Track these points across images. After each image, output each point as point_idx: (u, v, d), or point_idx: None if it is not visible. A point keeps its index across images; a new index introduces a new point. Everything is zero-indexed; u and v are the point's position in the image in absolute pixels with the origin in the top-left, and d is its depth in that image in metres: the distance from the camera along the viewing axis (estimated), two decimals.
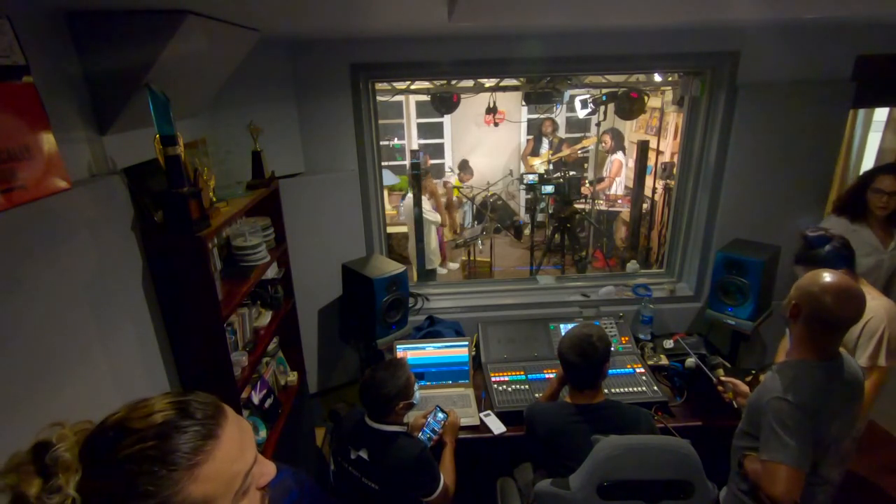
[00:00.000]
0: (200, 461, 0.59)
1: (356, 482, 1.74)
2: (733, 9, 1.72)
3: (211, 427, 0.62)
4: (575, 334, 1.78)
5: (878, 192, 2.18)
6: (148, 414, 0.60)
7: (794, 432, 1.37)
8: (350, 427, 1.81)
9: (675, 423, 2.14)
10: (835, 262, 1.73)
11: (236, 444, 0.64)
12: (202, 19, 1.38)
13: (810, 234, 1.85)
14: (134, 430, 0.59)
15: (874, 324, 1.75)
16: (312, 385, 2.79)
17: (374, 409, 1.75)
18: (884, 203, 2.17)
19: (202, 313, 1.57)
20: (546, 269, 5.05)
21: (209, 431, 0.61)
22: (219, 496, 0.61)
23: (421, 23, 1.91)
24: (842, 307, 1.38)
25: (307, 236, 2.54)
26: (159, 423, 0.59)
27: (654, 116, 5.46)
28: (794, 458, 1.36)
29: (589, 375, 1.74)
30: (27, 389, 1.04)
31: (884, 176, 2.18)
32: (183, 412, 0.61)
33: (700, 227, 2.78)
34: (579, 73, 3.38)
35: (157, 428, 0.59)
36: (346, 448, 1.77)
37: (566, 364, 1.77)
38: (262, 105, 2.26)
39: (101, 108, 1.37)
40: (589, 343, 1.72)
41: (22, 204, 1.02)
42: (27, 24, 1.09)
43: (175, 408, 0.62)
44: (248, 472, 0.65)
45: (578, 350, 1.72)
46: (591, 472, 1.53)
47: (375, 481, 1.70)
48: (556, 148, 6.19)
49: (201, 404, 0.64)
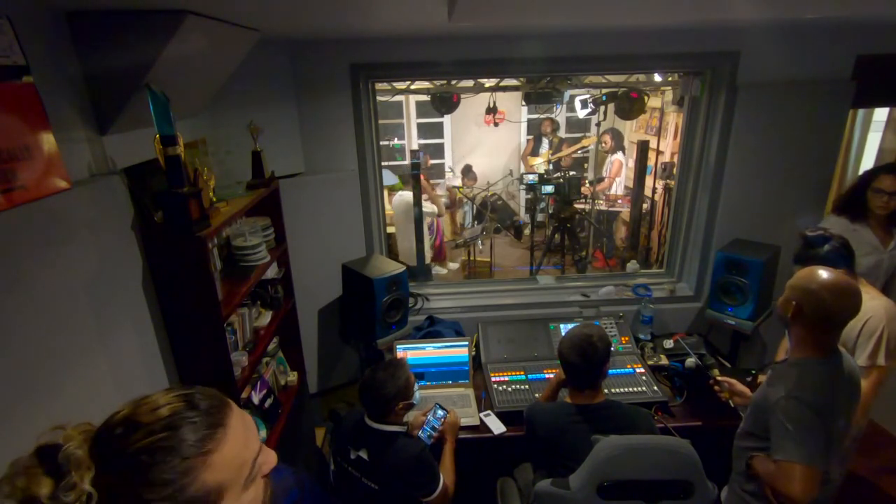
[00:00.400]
0: (212, 449, 0.61)
1: (356, 482, 1.74)
2: (733, 9, 1.72)
3: (218, 416, 0.63)
4: (575, 334, 1.78)
5: (878, 191, 2.18)
6: (154, 408, 0.61)
7: (807, 431, 1.37)
8: (350, 427, 1.81)
9: (675, 423, 2.14)
10: (835, 262, 1.73)
11: (242, 432, 0.65)
12: (202, 19, 1.38)
13: (809, 233, 1.85)
14: (142, 423, 0.60)
15: (873, 323, 1.75)
16: (312, 385, 2.79)
17: (374, 409, 1.75)
18: (884, 203, 2.17)
19: (202, 313, 1.57)
20: (546, 269, 5.05)
21: (217, 420, 0.63)
22: (231, 483, 0.62)
23: (421, 23, 1.91)
24: (841, 303, 1.38)
25: (307, 236, 2.54)
26: (168, 416, 0.60)
27: (654, 116, 5.46)
28: (809, 456, 1.35)
29: (589, 376, 1.74)
30: (27, 389, 1.04)
31: (884, 176, 2.18)
32: (189, 404, 0.63)
33: (700, 227, 2.78)
34: (579, 73, 3.38)
35: (165, 420, 0.60)
36: (346, 448, 1.78)
37: (566, 364, 1.77)
38: (262, 105, 2.26)
39: (101, 108, 1.37)
40: (589, 343, 1.72)
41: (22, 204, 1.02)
42: (27, 24, 1.09)
43: (181, 400, 0.63)
44: (255, 460, 0.66)
45: (579, 350, 1.72)
46: (591, 472, 1.53)
47: (375, 481, 1.70)
48: (556, 148, 6.19)
49: (205, 396, 0.65)
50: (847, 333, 1.75)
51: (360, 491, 1.73)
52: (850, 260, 1.79)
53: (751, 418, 1.59)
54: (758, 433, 1.52)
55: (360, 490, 1.73)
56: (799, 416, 1.38)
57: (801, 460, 1.35)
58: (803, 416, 1.37)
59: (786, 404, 1.40)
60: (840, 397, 1.44)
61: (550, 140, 6.22)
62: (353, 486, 1.75)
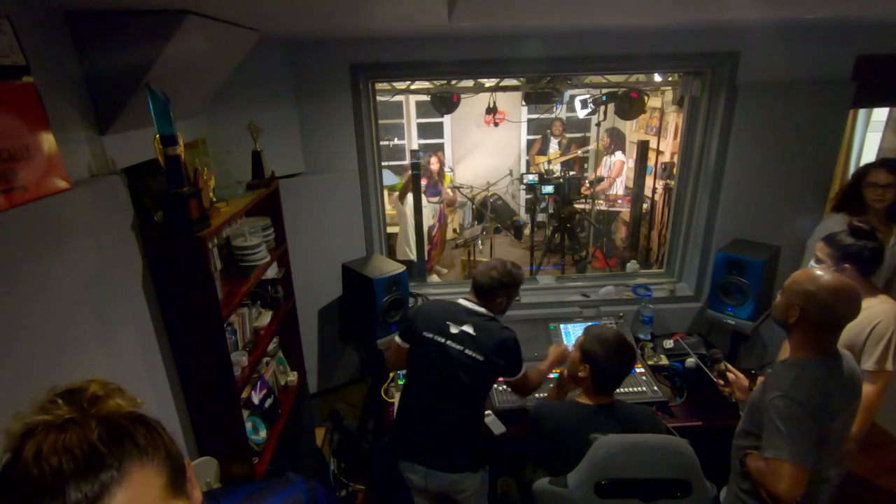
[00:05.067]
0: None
1: (456, 355, 1.80)
2: (733, 9, 1.72)
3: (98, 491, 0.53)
4: (608, 338, 1.74)
5: (872, 185, 2.23)
6: (45, 453, 0.53)
7: (798, 430, 1.38)
8: (441, 309, 1.93)
9: (675, 423, 2.14)
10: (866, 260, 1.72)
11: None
12: (202, 19, 1.38)
13: (858, 223, 1.82)
14: (29, 476, 0.52)
15: (882, 328, 1.72)
16: (312, 385, 2.79)
17: (480, 290, 1.88)
18: (879, 195, 2.22)
19: (202, 313, 1.57)
20: (546, 269, 5.05)
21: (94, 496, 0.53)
22: None
23: (421, 23, 1.91)
24: (840, 304, 1.38)
25: (307, 236, 2.54)
26: (37, 476, 0.52)
27: (654, 116, 5.46)
28: (798, 455, 1.37)
29: (620, 379, 1.74)
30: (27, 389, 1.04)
31: (877, 170, 2.25)
32: (78, 464, 0.53)
33: (700, 227, 2.78)
34: (579, 73, 3.38)
35: (35, 481, 0.52)
36: (445, 324, 1.84)
37: (600, 366, 1.72)
38: (262, 105, 2.26)
39: (101, 108, 1.37)
40: (629, 347, 1.74)
41: (22, 204, 1.03)
42: (27, 24, 1.09)
43: (73, 455, 0.53)
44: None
45: (618, 354, 1.71)
46: (588, 471, 1.53)
47: (480, 353, 1.79)
48: (565, 149, 6.20)
49: (112, 451, 0.55)
50: (855, 337, 1.74)
51: (458, 364, 1.80)
52: (876, 266, 1.77)
53: (748, 417, 1.59)
54: (755, 432, 1.53)
55: (457, 363, 1.80)
56: (791, 416, 1.39)
57: (790, 459, 1.37)
58: (795, 415, 1.38)
59: (779, 403, 1.41)
60: (838, 398, 1.44)
61: (559, 141, 6.23)
62: (447, 361, 1.81)
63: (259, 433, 1.95)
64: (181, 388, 1.67)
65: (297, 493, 0.86)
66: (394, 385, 2.39)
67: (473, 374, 1.79)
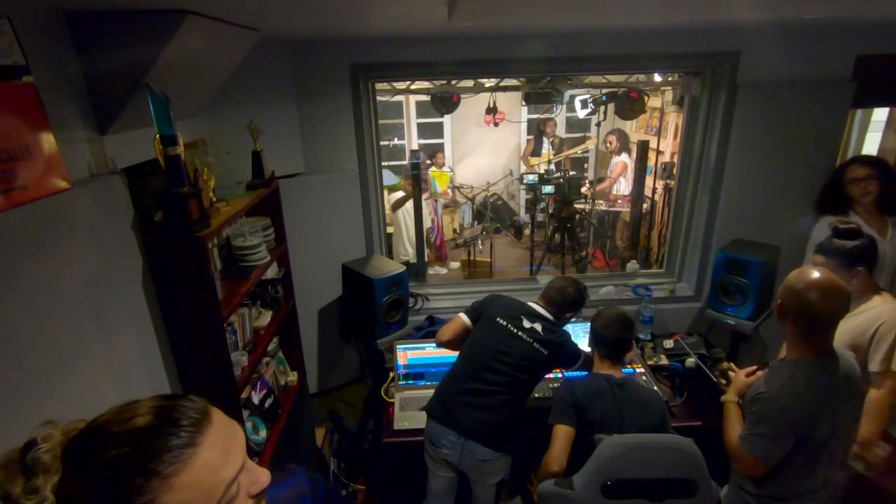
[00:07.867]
0: (176, 470, 0.57)
1: (525, 345, 1.96)
2: (733, 9, 1.72)
3: (191, 434, 0.60)
4: (609, 314, 1.94)
5: (853, 181, 2.30)
6: (130, 417, 0.59)
7: (770, 427, 1.44)
8: (517, 304, 2.08)
9: (675, 423, 2.13)
10: (857, 259, 1.72)
11: (219, 452, 0.62)
12: (202, 19, 1.38)
13: (841, 225, 1.82)
14: (113, 433, 0.58)
15: (886, 327, 1.70)
16: (312, 385, 2.79)
17: (554, 303, 2.06)
18: (863, 188, 2.28)
19: (202, 313, 1.57)
20: (546, 269, 5.05)
21: (189, 439, 0.59)
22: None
23: (421, 23, 1.91)
24: (826, 303, 1.39)
25: (307, 236, 2.54)
26: (137, 429, 0.58)
27: (654, 116, 5.45)
28: (762, 450, 1.46)
29: (628, 344, 1.92)
30: (27, 389, 1.04)
31: (852, 166, 2.33)
32: (165, 417, 0.60)
33: (700, 227, 2.78)
34: (579, 73, 3.38)
35: (134, 433, 0.58)
36: (519, 317, 2.01)
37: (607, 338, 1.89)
38: (262, 105, 2.26)
39: (101, 108, 1.37)
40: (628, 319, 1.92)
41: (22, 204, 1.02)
42: (27, 24, 1.09)
43: (156, 413, 0.60)
44: (233, 481, 0.62)
45: (621, 323, 1.89)
46: (595, 471, 1.53)
47: (546, 349, 1.97)
48: (558, 149, 6.18)
49: (187, 409, 0.62)
50: (859, 337, 1.74)
51: (524, 351, 1.94)
52: (872, 261, 1.76)
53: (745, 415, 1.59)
54: None
55: (523, 351, 1.94)
56: (769, 416, 1.45)
57: (753, 450, 1.48)
58: (772, 415, 1.44)
59: (764, 397, 1.47)
60: (832, 398, 1.44)
61: (551, 140, 6.21)
62: (515, 347, 1.95)
63: (259, 433, 1.95)
64: (181, 388, 1.67)
65: (300, 483, 0.87)
66: (394, 385, 2.39)
67: (534, 363, 1.97)
